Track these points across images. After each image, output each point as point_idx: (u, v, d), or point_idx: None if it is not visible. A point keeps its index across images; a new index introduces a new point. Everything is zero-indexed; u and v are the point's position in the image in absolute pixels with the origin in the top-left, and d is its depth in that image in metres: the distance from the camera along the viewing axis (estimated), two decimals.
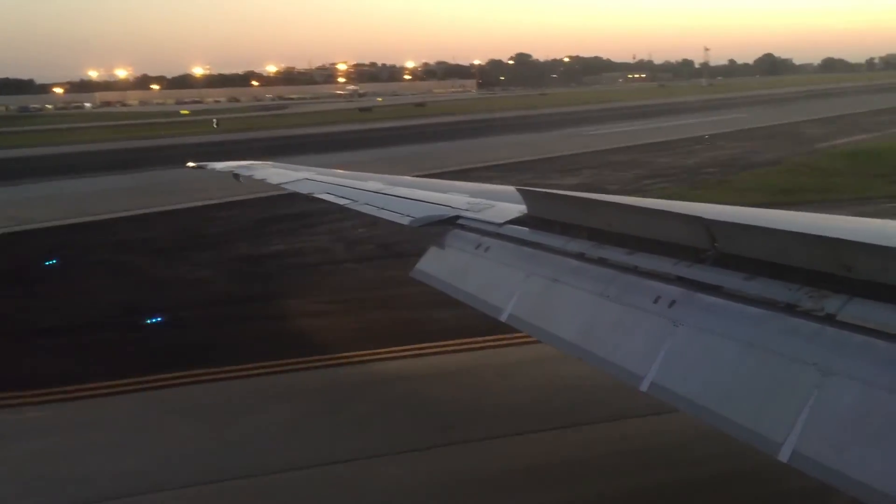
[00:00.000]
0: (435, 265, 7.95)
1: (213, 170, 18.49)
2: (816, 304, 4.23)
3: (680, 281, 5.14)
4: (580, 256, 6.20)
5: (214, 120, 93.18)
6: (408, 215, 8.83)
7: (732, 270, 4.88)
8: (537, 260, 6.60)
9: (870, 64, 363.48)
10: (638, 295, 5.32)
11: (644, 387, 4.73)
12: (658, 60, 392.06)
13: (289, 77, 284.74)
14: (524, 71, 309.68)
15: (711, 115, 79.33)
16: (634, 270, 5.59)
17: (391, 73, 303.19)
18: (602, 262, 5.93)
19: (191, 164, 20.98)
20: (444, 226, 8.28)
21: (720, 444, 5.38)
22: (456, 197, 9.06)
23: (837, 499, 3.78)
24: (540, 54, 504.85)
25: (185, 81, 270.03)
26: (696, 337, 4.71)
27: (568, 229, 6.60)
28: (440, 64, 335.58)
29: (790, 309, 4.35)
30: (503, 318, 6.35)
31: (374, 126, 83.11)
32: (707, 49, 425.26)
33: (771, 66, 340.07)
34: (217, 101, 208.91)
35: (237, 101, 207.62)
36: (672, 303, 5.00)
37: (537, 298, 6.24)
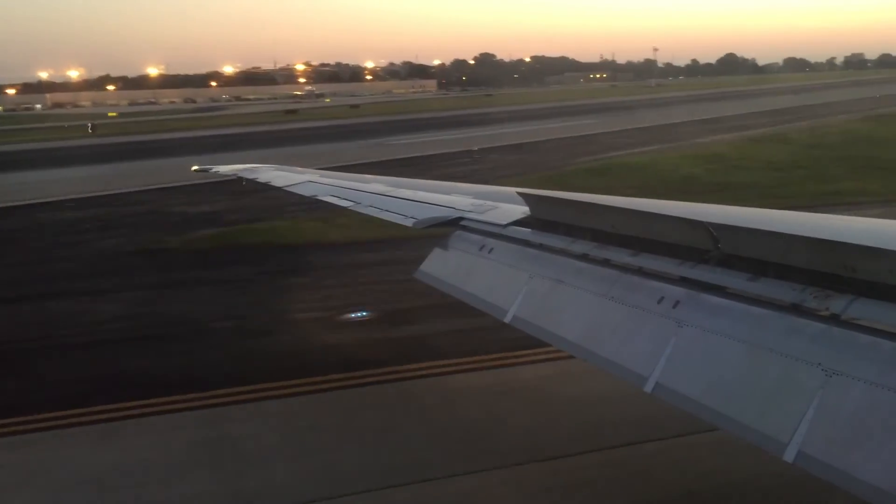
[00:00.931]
0: (438, 266, 7.99)
1: (217, 173, 18.14)
2: (821, 305, 4.28)
3: (684, 281, 5.20)
4: (584, 257, 6.23)
5: (89, 125, 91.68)
6: (411, 217, 8.85)
7: (736, 271, 4.93)
8: (541, 261, 6.62)
9: (830, 64, 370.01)
10: (642, 295, 5.36)
11: (648, 387, 4.78)
12: (622, 60, 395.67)
13: (250, 77, 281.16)
14: (486, 71, 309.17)
15: (580, 119, 75.70)
16: (638, 271, 5.63)
17: (353, 74, 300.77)
18: (606, 263, 5.97)
19: (195, 167, 20.34)
20: (447, 227, 8.29)
21: None
22: (459, 198, 9.08)
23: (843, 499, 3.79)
24: (505, 54, 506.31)
25: (145, 82, 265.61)
26: (700, 337, 4.75)
27: (571, 230, 6.62)
28: (405, 64, 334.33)
29: (794, 309, 4.40)
30: (507, 319, 6.37)
31: (272, 128, 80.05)
32: (656, 49, 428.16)
33: (732, 65, 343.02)
34: (172, 102, 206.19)
35: (193, 101, 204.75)
36: (676, 303, 5.06)
37: (541, 299, 6.26)
